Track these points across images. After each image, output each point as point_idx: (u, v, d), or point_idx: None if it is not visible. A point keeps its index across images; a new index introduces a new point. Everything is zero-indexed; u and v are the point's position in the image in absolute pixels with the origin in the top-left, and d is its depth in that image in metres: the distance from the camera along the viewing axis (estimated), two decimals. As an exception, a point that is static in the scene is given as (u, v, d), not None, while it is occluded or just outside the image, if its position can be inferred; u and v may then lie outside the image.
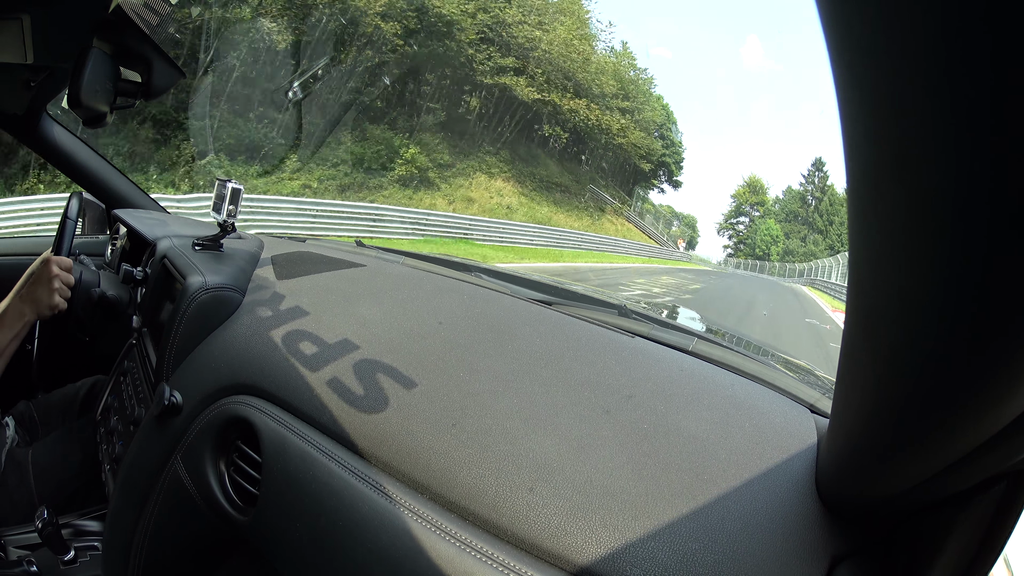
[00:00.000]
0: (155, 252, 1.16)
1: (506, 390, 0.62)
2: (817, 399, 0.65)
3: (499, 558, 0.46)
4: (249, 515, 0.63)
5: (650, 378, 0.64)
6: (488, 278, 1.07)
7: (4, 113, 1.38)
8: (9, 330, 1.01)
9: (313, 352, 0.74)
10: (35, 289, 1.05)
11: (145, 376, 1.02)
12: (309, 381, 0.69)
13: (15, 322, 1.02)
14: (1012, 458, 0.28)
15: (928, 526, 0.38)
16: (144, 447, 0.82)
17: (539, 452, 0.53)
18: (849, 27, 0.18)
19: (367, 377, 0.67)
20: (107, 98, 1.00)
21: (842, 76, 0.20)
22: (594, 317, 0.84)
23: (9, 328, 1.01)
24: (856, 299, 0.28)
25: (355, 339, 0.75)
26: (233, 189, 1.03)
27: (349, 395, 0.65)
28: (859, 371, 0.31)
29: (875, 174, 0.22)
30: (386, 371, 0.68)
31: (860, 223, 0.24)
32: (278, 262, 1.10)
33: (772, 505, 0.47)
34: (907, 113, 0.18)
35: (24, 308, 1.04)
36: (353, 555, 0.52)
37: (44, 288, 1.06)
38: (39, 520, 0.87)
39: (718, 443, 0.53)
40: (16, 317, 1.02)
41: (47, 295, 1.06)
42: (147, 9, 0.97)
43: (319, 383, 0.68)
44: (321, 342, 0.76)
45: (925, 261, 0.21)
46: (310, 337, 0.77)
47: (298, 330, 0.80)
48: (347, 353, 0.72)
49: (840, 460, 0.41)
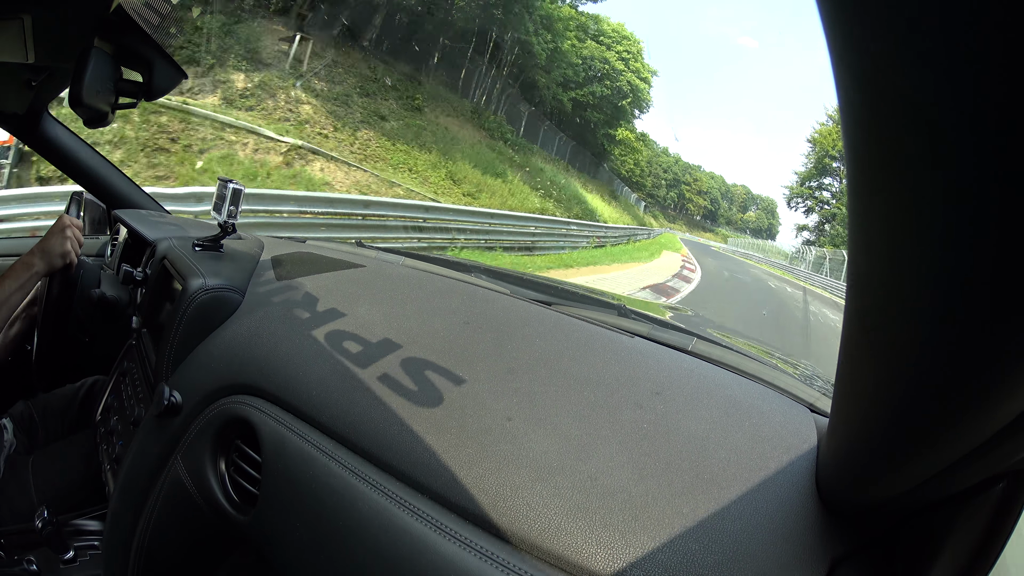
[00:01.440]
0: (155, 253, 1.16)
1: (506, 390, 0.62)
2: (817, 398, 0.65)
3: (499, 557, 0.46)
4: (249, 515, 0.63)
5: (650, 378, 0.64)
6: (488, 278, 1.07)
7: (5, 113, 1.39)
8: (15, 280, 1.00)
9: (313, 352, 0.74)
10: (48, 239, 1.04)
11: (145, 376, 1.02)
12: (309, 381, 0.69)
13: (23, 272, 1.01)
14: (1011, 458, 0.28)
15: (928, 526, 0.38)
16: (144, 447, 0.82)
17: (539, 452, 0.53)
18: (850, 27, 0.19)
19: (367, 377, 0.67)
20: (108, 98, 1.00)
21: (843, 76, 0.20)
22: (594, 317, 0.84)
23: (15, 278, 1.00)
24: (856, 299, 0.28)
25: (355, 340, 0.75)
26: (234, 189, 1.03)
27: (349, 395, 0.65)
28: (859, 371, 0.32)
29: (876, 174, 0.22)
30: (386, 371, 0.68)
31: (860, 222, 0.24)
32: (278, 263, 1.10)
33: (772, 505, 0.47)
34: (908, 113, 0.18)
35: (34, 259, 1.02)
36: (353, 554, 0.52)
37: (57, 237, 1.04)
38: (39, 520, 0.87)
39: (718, 443, 0.53)
40: (24, 268, 1.01)
41: (59, 243, 1.05)
42: (148, 9, 0.98)
43: (319, 383, 0.68)
44: (321, 342, 0.76)
45: (925, 261, 0.22)
46: (309, 337, 0.77)
47: (298, 330, 0.80)
48: (347, 353, 0.72)
49: (840, 460, 0.41)
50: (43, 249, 1.05)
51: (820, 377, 0.91)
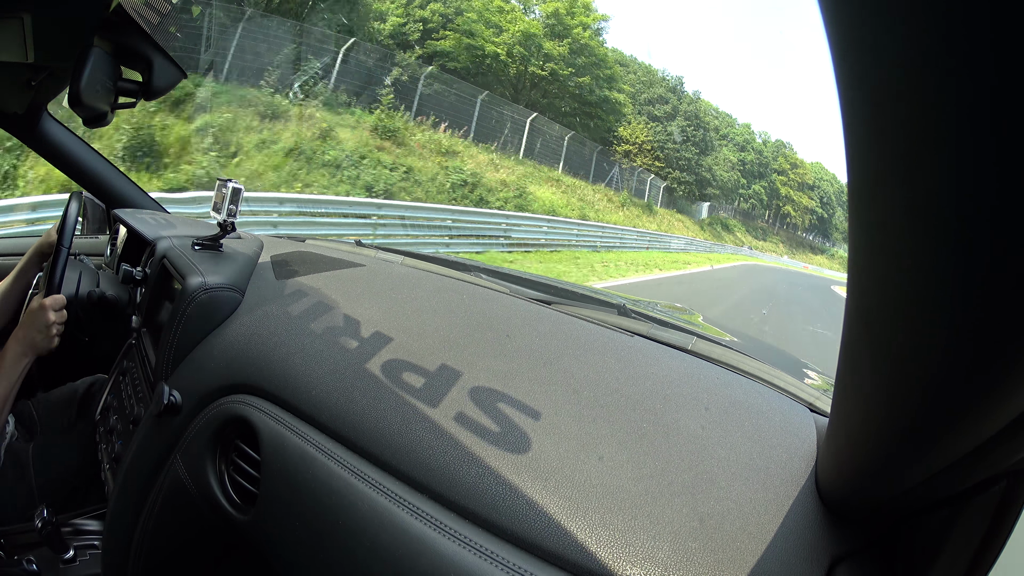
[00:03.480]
0: (155, 252, 1.16)
1: (506, 389, 0.62)
2: (817, 398, 0.65)
3: (499, 556, 0.46)
4: (249, 514, 0.63)
5: (650, 377, 0.64)
6: (487, 277, 1.07)
7: (5, 112, 1.39)
8: (8, 379, 1.03)
9: (312, 351, 0.74)
10: (32, 334, 1.06)
11: (144, 376, 1.02)
12: (308, 380, 0.69)
13: (15, 367, 1.04)
14: (1011, 458, 0.28)
15: (928, 526, 0.38)
16: (144, 446, 0.82)
17: (539, 451, 0.53)
18: (851, 27, 0.18)
19: (367, 376, 0.67)
20: (108, 98, 1.00)
21: (844, 76, 0.20)
22: (594, 317, 0.84)
23: (8, 377, 1.03)
24: (856, 299, 0.28)
25: (354, 339, 0.75)
26: (233, 189, 1.03)
27: (348, 394, 0.65)
28: (859, 371, 0.32)
29: (877, 174, 0.22)
30: (386, 370, 0.68)
31: (861, 223, 0.24)
32: (277, 262, 1.10)
33: (772, 504, 0.47)
34: (909, 113, 0.18)
35: (21, 351, 1.05)
36: (353, 554, 0.52)
37: (42, 334, 1.07)
38: (39, 519, 0.87)
39: (718, 442, 0.53)
40: (15, 362, 1.04)
41: (44, 340, 1.07)
42: (148, 8, 0.97)
43: (318, 382, 0.68)
44: (320, 342, 0.76)
45: (925, 261, 0.22)
46: (309, 337, 0.77)
47: (297, 330, 0.80)
48: (346, 352, 0.72)
49: (840, 459, 0.41)
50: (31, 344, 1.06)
51: (820, 377, 0.91)
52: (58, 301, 1.09)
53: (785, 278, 20.45)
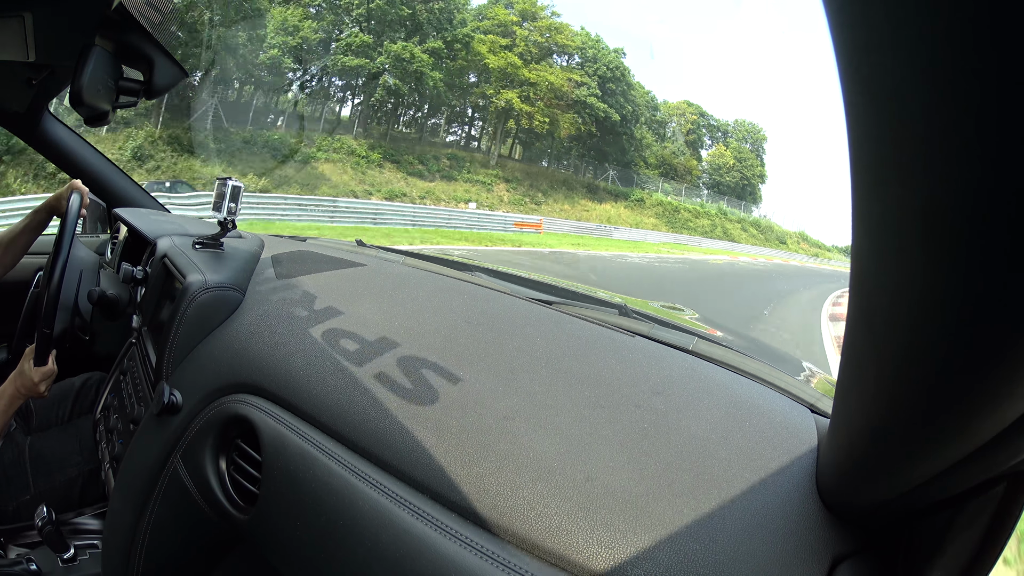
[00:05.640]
0: (155, 251, 1.16)
1: (507, 389, 0.62)
2: (817, 399, 0.65)
3: (500, 557, 0.46)
4: (249, 513, 0.63)
5: (650, 377, 0.64)
6: (488, 277, 1.07)
7: (6, 111, 1.39)
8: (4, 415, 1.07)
9: (313, 351, 0.74)
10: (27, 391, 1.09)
11: (145, 375, 1.02)
12: (309, 380, 0.69)
13: (11, 407, 1.08)
14: (1012, 460, 0.28)
15: (928, 527, 0.38)
16: (144, 446, 0.82)
17: (540, 451, 0.53)
18: (854, 27, 0.19)
19: (367, 376, 0.67)
20: (109, 97, 1.00)
21: (847, 76, 0.20)
22: (594, 316, 0.84)
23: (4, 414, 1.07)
24: (858, 299, 0.28)
25: (355, 339, 0.75)
26: (233, 187, 1.03)
27: (349, 394, 0.65)
28: (860, 372, 0.32)
29: (879, 174, 0.22)
30: (386, 370, 0.68)
31: (863, 223, 0.24)
32: (278, 261, 1.10)
33: (773, 505, 0.47)
34: (911, 113, 0.18)
35: (18, 394, 1.09)
36: (353, 553, 0.52)
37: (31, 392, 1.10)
38: (39, 518, 0.88)
39: (719, 443, 0.53)
40: (11, 403, 1.08)
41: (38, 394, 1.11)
42: (149, 7, 0.97)
43: (319, 382, 0.68)
44: (321, 341, 0.76)
45: (927, 262, 0.22)
46: (310, 336, 0.77)
47: (298, 329, 0.80)
48: (347, 352, 0.72)
49: (841, 461, 0.41)
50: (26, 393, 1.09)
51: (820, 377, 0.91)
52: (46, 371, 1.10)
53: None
